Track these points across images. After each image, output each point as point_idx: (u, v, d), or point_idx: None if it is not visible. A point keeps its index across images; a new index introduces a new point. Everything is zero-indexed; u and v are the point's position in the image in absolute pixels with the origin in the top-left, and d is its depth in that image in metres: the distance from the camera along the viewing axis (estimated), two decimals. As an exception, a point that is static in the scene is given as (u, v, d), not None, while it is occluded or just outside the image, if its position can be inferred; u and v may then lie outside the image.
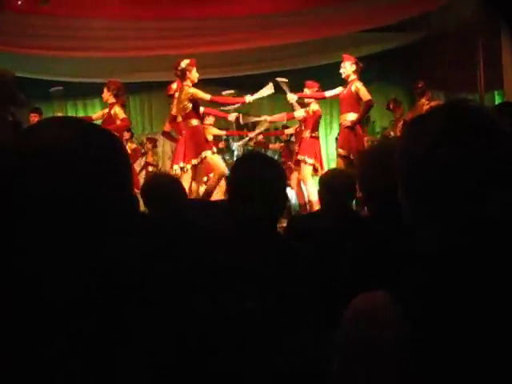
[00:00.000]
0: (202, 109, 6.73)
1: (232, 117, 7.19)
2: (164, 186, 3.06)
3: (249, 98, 6.43)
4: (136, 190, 4.16)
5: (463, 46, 7.44)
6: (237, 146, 10.39)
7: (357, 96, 6.45)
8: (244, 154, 4.21)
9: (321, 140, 7.64)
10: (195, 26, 7.73)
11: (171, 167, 6.62)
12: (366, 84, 6.79)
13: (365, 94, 6.39)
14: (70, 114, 10.83)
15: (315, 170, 6.91)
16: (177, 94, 6.34)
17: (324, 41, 8.45)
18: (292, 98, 6.90)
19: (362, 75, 6.74)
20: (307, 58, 9.18)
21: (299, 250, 1.78)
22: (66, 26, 7.29)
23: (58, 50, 7.84)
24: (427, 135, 0.89)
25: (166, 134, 7.29)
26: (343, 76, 6.59)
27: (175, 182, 3.24)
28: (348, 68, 6.53)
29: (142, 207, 3.20)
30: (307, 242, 1.89)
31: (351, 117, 6.48)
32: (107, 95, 6.41)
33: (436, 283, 0.83)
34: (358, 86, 6.43)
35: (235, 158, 11.38)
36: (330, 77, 8.78)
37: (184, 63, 6.09)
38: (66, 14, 7.13)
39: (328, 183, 3.10)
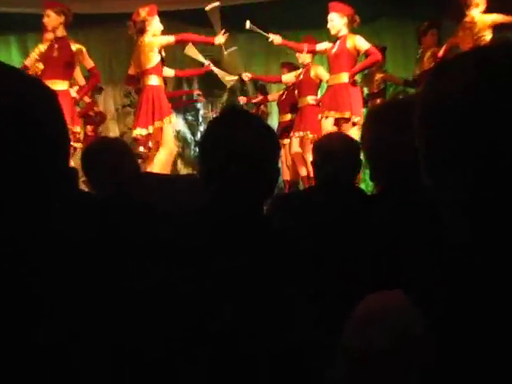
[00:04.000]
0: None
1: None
2: (109, 155, 3.05)
3: (218, 40, 6.75)
4: None
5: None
6: (204, 105, 10.38)
7: (355, 53, 6.65)
8: (223, 111, 4.14)
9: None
10: None
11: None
12: (369, 22, 6.86)
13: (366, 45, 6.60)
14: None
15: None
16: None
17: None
18: (276, 39, 7.10)
19: (363, 12, 6.86)
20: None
21: (290, 237, 1.79)
22: None
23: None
24: (459, 82, 0.90)
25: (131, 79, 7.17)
26: (332, 32, 6.70)
27: (124, 149, 3.23)
28: (337, 22, 6.64)
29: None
30: (300, 230, 1.90)
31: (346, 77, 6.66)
32: None
33: (464, 282, 0.85)
34: (355, 40, 6.61)
35: (201, 119, 11.37)
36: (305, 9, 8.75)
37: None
38: None
39: (325, 150, 3.10)
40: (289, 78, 8.44)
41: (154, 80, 6.56)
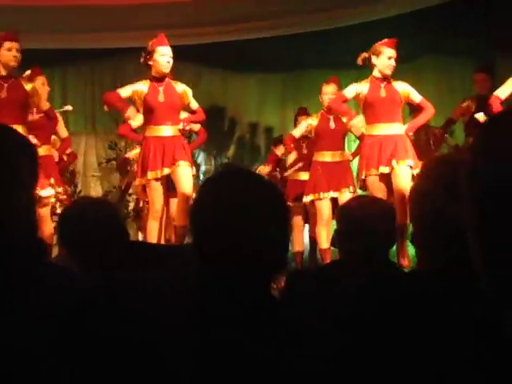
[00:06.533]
0: None
1: None
2: (92, 220, 3.04)
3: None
4: None
5: None
6: (205, 159, 10.43)
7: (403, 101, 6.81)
8: (219, 170, 4.20)
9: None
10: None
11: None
12: (410, 59, 6.93)
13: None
14: None
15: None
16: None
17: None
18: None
19: (404, 46, 6.97)
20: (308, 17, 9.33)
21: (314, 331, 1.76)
22: None
23: None
24: None
25: None
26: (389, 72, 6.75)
27: (109, 213, 3.22)
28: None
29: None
30: (328, 320, 1.85)
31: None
32: None
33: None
34: (409, 90, 6.79)
35: (202, 176, 11.42)
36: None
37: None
38: None
39: (354, 218, 3.06)
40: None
41: None
